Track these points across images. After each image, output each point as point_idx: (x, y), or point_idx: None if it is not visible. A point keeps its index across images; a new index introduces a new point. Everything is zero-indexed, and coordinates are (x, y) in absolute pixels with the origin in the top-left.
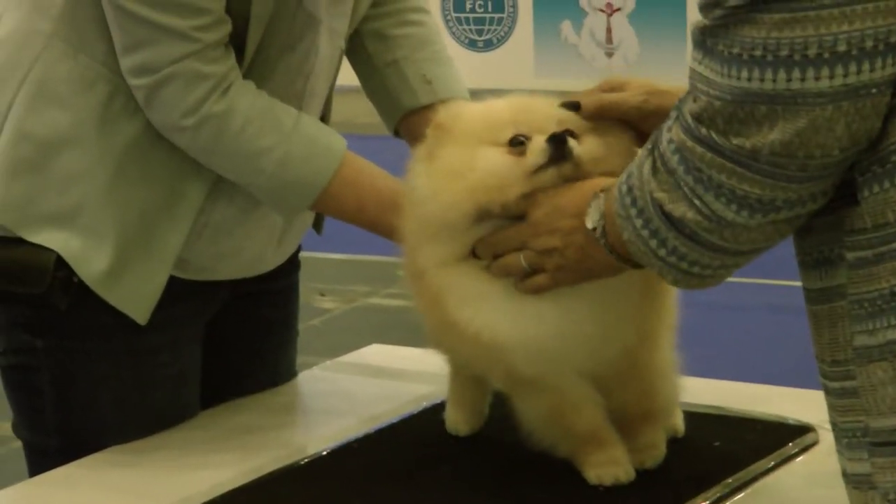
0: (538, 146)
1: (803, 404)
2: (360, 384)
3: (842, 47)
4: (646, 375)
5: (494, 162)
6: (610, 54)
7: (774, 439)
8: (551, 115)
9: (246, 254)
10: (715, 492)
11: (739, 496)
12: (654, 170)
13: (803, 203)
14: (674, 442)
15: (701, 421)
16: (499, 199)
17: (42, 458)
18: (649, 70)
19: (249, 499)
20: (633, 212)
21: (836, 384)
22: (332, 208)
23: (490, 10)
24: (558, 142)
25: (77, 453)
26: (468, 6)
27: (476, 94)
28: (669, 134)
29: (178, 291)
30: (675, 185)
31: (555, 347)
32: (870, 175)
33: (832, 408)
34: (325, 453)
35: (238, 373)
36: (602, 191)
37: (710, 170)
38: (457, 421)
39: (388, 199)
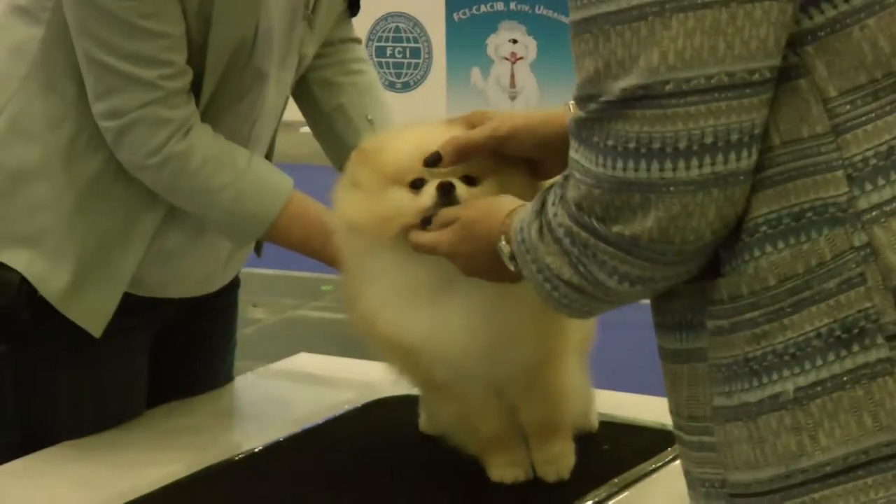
0: (429, 191)
1: None
2: (289, 389)
3: (709, 140)
4: (550, 394)
5: (396, 199)
6: (513, 97)
7: (657, 444)
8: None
9: (194, 276)
10: (603, 490)
11: (625, 494)
12: (541, 234)
13: (679, 277)
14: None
15: None
16: (396, 227)
17: (3, 451)
18: None
19: (189, 491)
20: (528, 258)
21: (693, 438)
22: (280, 239)
23: (408, 55)
24: (445, 189)
25: (35, 448)
26: (388, 52)
27: None
28: (555, 209)
29: (131, 307)
30: (561, 252)
31: (454, 356)
32: (731, 251)
33: (687, 458)
34: (257, 450)
35: (181, 378)
36: (502, 232)
37: (594, 249)
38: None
39: (330, 232)
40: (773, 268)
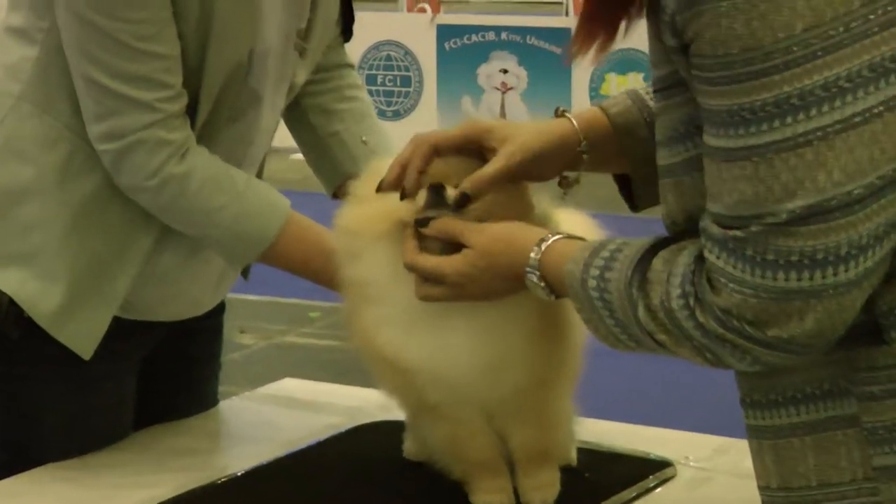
0: (421, 193)
1: (663, 442)
2: (274, 413)
3: (864, 241)
4: (540, 421)
5: (390, 200)
6: None
7: (638, 472)
8: (462, 171)
9: (185, 299)
10: None
11: None
12: (652, 314)
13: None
14: None
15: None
16: (389, 223)
17: None
18: None
19: None
20: (605, 313)
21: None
22: (280, 260)
23: (398, 84)
24: (436, 190)
25: (20, 469)
26: (379, 80)
27: None
28: (682, 301)
29: (121, 330)
30: (684, 338)
31: (453, 377)
32: (893, 318)
33: None
34: (241, 474)
35: (167, 400)
36: (533, 267)
37: (739, 346)
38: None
39: (330, 253)
40: None
